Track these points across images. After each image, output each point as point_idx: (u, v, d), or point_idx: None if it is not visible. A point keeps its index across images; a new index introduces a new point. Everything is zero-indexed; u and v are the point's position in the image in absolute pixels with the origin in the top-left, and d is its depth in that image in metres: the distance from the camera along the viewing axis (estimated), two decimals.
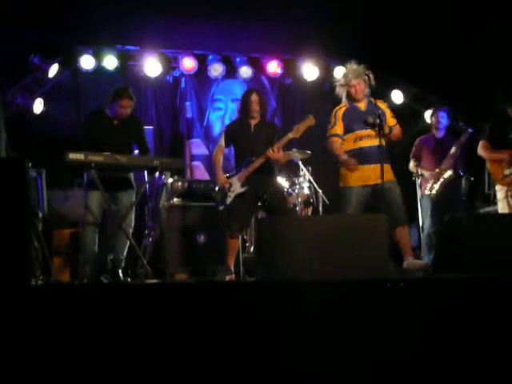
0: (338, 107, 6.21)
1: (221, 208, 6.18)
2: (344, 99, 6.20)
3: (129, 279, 6.22)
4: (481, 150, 6.75)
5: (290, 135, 6.11)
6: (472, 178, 7.63)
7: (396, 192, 5.92)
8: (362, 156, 5.95)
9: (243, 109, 6.27)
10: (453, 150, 7.17)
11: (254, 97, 6.21)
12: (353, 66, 6.19)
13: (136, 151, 6.41)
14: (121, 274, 6.17)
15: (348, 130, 6.09)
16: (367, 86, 6.10)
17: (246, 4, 7.65)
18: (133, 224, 6.27)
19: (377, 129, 5.84)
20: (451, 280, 4.23)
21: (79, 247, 6.22)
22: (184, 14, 7.79)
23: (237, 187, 6.11)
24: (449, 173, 7.19)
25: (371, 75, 6.04)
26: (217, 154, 6.35)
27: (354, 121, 6.06)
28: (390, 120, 6.14)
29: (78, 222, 6.62)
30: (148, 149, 6.37)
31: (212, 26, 8.16)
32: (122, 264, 6.24)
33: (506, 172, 6.51)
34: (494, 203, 7.41)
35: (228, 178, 6.20)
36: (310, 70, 9.21)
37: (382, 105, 6.17)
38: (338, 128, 6.11)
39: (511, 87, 6.98)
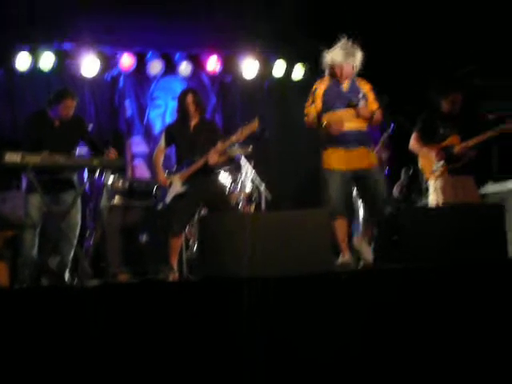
0: (318, 83, 5.89)
1: (160, 207, 6.14)
2: (326, 74, 5.86)
3: (75, 281, 6.12)
4: (412, 143, 6.77)
5: (234, 138, 6.10)
6: (411, 171, 7.74)
7: (380, 181, 5.75)
8: (342, 138, 5.66)
9: (181, 109, 6.24)
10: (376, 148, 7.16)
11: (190, 97, 6.17)
12: (344, 43, 5.77)
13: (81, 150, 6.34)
14: (67, 277, 6.09)
15: (328, 109, 5.75)
16: (356, 66, 5.77)
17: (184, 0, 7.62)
18: (78, 225, 6.21)
19: (358, 111, 5.64)
20: (392, 270, 4.29)
21: (18, 250, 6.10)
22: (121, 11, 7.70)
23: (177, 186, 6.08)
24: None
25: (361, 55, 5.75)
26: (157, 154, 6.32)
27: (334, 100, 5.73)
28: (373, 104, 5.82)
29: (17, 225, 6.49)
30: (96, 143, 6.29)
31: (150, 22, 8.10)
32: (68, 266, 6.15)
33: (434, 167, 6.58)
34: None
35: (168, 176, 6.16)
36: (249, 67, 9.22)
37: (365, 86, 5.86)
38: (317, 106, 5.79)
39: (444, 80, 7.10)
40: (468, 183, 6.55)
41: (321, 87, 5.83)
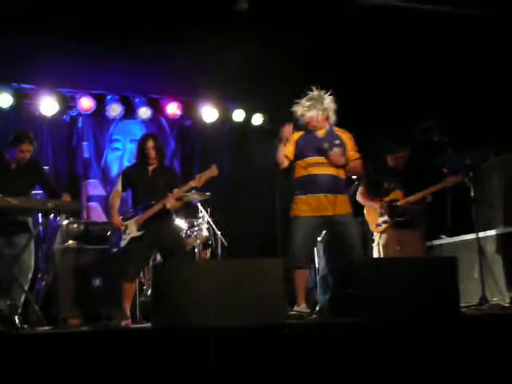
0: (291, 129, 5.75)
1: (114, 251, 6.08)
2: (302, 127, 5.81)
3: (26, 326, 5.97)
4: (358, 196, 6.87)
5: (192, 183, 6.08)
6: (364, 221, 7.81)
7: (351, 227, 5.62)
8: (313, 184, 5.59)
9: (140, 154, 6.22)
10: None
11: (151, 143, 6.16)
12: (310, 94, 5.75)
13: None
14: (17, 321, 5.95)
15: (300, 156, 5.69)
16: (327, 113, 5.73)
17: (145, 45, 7.66)
18: (31, 269, 6.12)
19: (330, 158, 5.58)
20: (346, 324, 4.30)
21: None
22: (82, 53, 7.69)
23: (133, 230, 6.03)
24: None
25: (333, 103, 5.73)
26: (113, 197, 6.27)
27: (307, 146, 5.68)
28: (350, 153, 5.75)
29: None
30: (53, 187, 6.24)
31: (110, 65, 8.10)
32: (19, 310, 6.02)
33: (379, 221, 6.67)
34: None
35: (124, 220, 6.12)
36: (209, 112, 9.29)
37: (343, 135, 5.80)
38: (288, 149, 5.71)
39: (390, 136, 7.23)
40: (413, 237, 6.63)
41: (296, 134, 5.77)
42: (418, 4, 7.10)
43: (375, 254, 6.68)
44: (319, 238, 6.57)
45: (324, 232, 6.26)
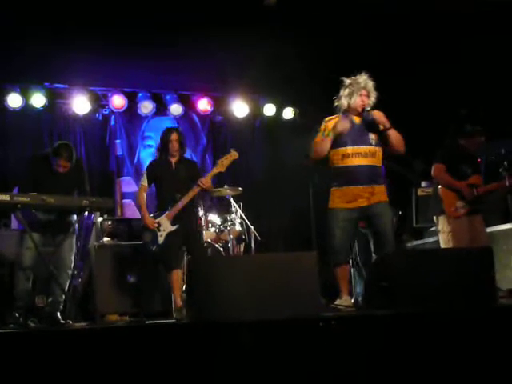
0: (328, 118, 5.66)
1: (153, 248, 6.14)
2: (340, 112, 5.64)
3: (70, 322, 6.04)
4: (437, 172, 6.51)
5: (215, 170, 6.27)
6: (400, 212, 7.75)
7: (386, 217, 5.52)
8: (350, 175, 5.48)
9: (163, 147, 6.34)
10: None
11: (175, 135, 6.30)
12: (346, 81, 5.62)
13: None
14: (59, 317, 6.04)
15: (337, 144, 5.54)
16: (369, 91, 5.60)
17: (175, 42, 7.68)
18: (71, 266, 6.19)
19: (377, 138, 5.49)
20: (382, 316, 4.28)
21: (12, 290, 6.05)
22: (112, 51, 7.75)
23: (167, 226, 6.13)
24: None
25: (369, 79, 5.60)
26: (140, 194, 6.37)
27: (345, 136, 5.52)
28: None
29: (7, 263, 6.49)
30: (85, 192, 6.27)
31: (141, 63, 8.16)
32: (61, 307, 6.12)
33: (459, 205, 6.39)
34: (423, 237, 7.53)
35: (154, 217, 6.18)
36: (240, 107, 9.31)
37: (376, 114, 5.59)
38: (328, 139, 5.54)
39: (462, 120, 6.99)
40: (481, 223, 6.46)
41: (331, 122, 5.61)
42: None
43: (442, 242, 6.41)
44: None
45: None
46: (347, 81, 5.63)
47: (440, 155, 6.54)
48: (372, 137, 5.55)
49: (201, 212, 7.17)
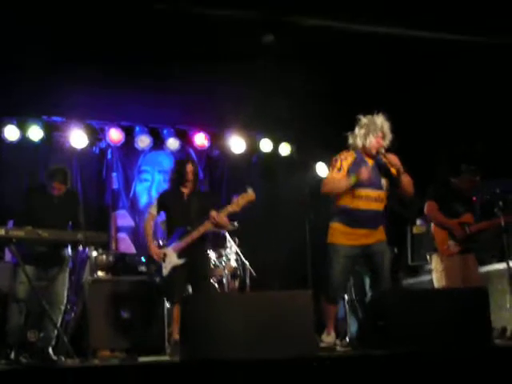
0: (344, 154, 5.59)
1: (157, 280, 6.09)
2: (353, 149, 5.61)
3: (62, 358, 5.97)
4: (429, 210, 6.54)
5: (230, 208, 6.08)
6: (395, 250, 7.73)
7: (385, 256, 5.53)
8: (356, 217, 5.46)
9: (177, 178, 6.27)
10: None
11: (190, 167, 6.24)
12: (363, 121, 5.57)
13: None
14: (51, 353, 5.98)
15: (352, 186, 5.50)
16: (385, 132, 5.54)
17: (172, 77, 7.73)
18: (64, 300, 6.17)
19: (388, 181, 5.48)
20: (377, 356, 4.25)
21: (4, 325, 6.00)
22: (110, 85, 7.79)
23: (173, 258, 6.05)
24: None
25: (386, 121, 5.54)
26: (148, 222, 6.33)
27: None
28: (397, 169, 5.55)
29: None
30: (79, 224, 6.25)
31: (139, 97, 8.19)
32: (53, 342, 6.08)
33: (451, 243, 6.40)
34: (418, 275, 7.50)
35: (160, 247, 6.13)
36: (236, 143, 9.33)
37: (390, 157, 5.55)
38: (341, 175, 5.49)
39: (455, 159, 7.01)
40: (474, 262, 6.46)
41: (347, 159, 5.55)
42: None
43: (436, 280, 6.42)
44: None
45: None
46: (364, 120, 5.58)
47: (432, 192, 6.58)
48: (383, 181, 5.56)
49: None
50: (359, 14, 6.77)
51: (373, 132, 5.50)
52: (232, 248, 7.54)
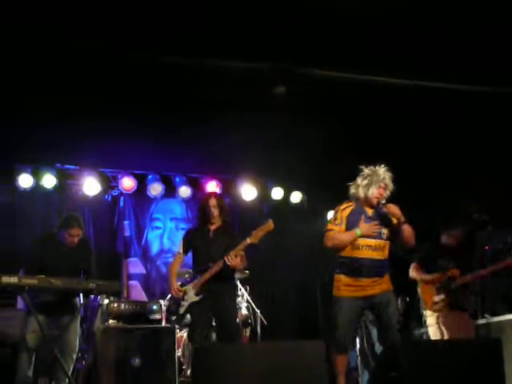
0: (342, 206, 5.63)
1: (173, 319, 6.08)
2: (353, 200, 5.64)
3: None
4: (412, 272, 6.71)
5: (248, 240, 5.94)
6: (407, 299, 7.70)
7: (392, 306, 5.51)
8: (358, 268, 5.47)
9: (202, 214, 6.19)
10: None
11: (212, 201, 6.13)
12: (365, 172, 5.60)
13: None
14: None
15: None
16: (387, 184, 5.56)
17: (185, 126, 7.82)
18: (76, 349, 6.17)
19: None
20: None
21: (14, 375, 5.98)
22: (123, 134, 7.88)
23: (191, 296, 5.97)
24: None
25: (388, 171, 5.58)
26: (174, 262, 6.28)
27: (357, 226, 5.50)
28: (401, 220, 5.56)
29: (11, 343, 6.44)
30: (91, 272, 6.26)
31: (151, 146, 8.27)
32: None
33: (436, 299, 6.50)
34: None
35: (181, 286, 6.09)
36: (248, 190, 9.39)
37: (390, 208, 5.55)
38: (340, 228, 5.53)
39: (447, 215, 7.07)
40: (463, 318, 6.49)
41: (345, 211, 5.60)
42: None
43: (432, 335, 6.49)
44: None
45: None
46: (366, 171, 5.62)
47: (416, 257, 6.73)
48: (383, 231, 5.55)
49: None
50: (370, 65, 6.85)
51: (375, 183, 5.53)
52: (243, 296, 7.53)
